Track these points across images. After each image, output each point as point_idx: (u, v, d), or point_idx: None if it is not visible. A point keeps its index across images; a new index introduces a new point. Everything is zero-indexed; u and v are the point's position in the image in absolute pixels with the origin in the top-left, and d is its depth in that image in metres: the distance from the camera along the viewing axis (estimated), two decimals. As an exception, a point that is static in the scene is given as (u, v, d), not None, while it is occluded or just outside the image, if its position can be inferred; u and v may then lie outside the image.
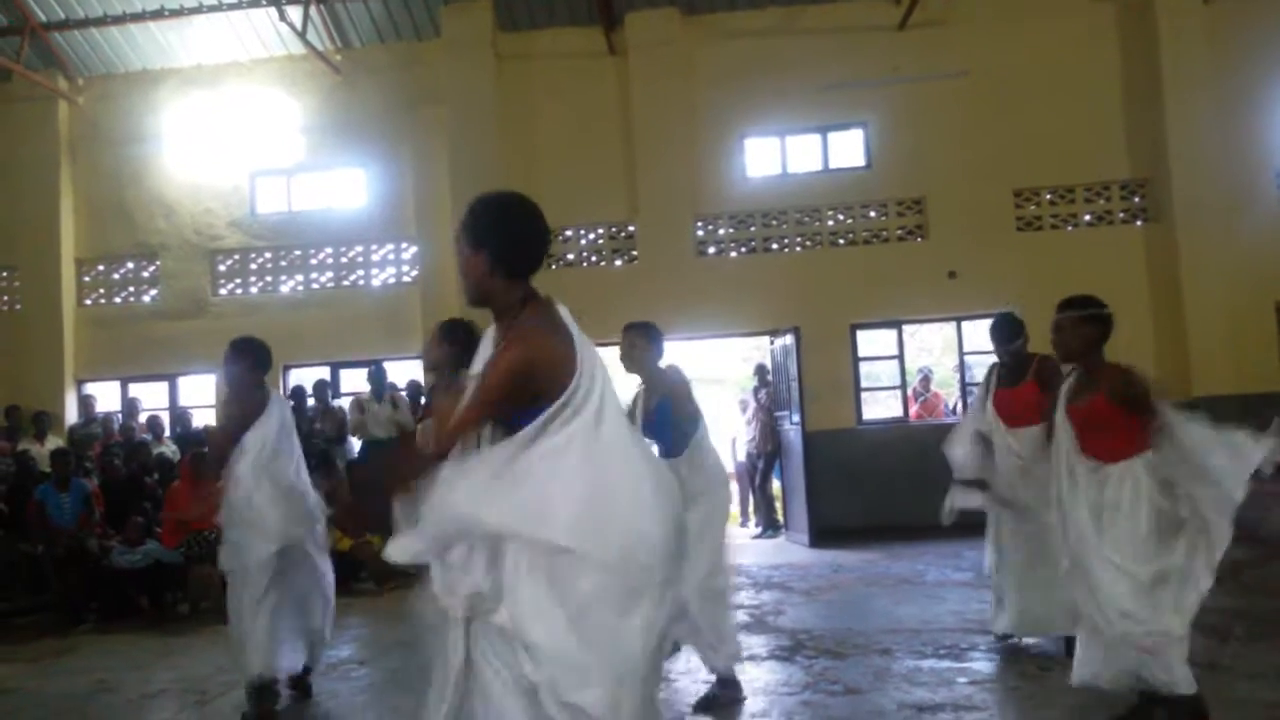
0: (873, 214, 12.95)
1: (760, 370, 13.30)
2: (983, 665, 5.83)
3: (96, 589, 9.23)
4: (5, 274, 14.08)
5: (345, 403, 12.13)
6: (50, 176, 13.73)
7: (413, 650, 6.89)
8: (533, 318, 2.82)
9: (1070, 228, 12.69)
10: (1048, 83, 12.44)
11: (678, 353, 18.62)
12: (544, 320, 2.81)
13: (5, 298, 14.13)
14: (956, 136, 12.49)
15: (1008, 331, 6.01)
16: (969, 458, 6.01)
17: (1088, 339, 4.49)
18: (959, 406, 12.78)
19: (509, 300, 2.89)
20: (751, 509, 13.29)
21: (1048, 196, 12.73)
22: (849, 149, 13.18)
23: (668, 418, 5.36)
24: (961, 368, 13.03)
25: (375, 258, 13.75)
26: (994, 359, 6.19)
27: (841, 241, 13.01)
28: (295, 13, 12.53)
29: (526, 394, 2.69)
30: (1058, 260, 11.87)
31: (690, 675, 5.89)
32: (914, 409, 13.15)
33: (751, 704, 5.32)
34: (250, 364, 5.69)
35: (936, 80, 12.55)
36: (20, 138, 13.72)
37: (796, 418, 11.91)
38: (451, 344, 4.64)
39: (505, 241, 2.84)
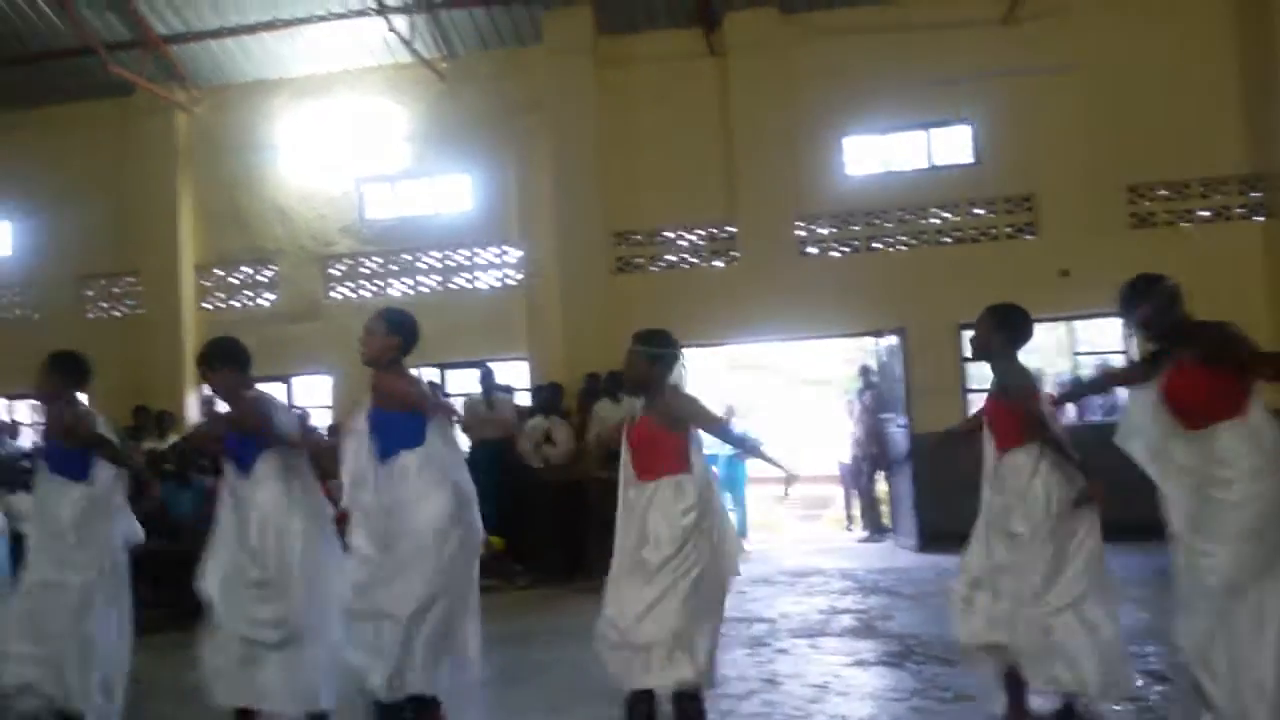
0: (980, 211, 12.72)
1: (864, 371, 13.17)
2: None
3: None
4: (129, 279, 14.67)
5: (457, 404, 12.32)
6: (169, 185, 14.23)
7: (524, 647, 7.01)
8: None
9: (1186, 224, 12.30)
10: (1160, 74, 12.02)
11: (779, 353, 18.51)
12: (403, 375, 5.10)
13: (129, 302, 14.73)
14: (1066, 131, 12.18)
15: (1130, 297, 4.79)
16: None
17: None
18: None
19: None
20: (858, 512, 13.10)
21: (1162, 192, 12.36)
22: (954, 146, 12.93)
23: None
24: (1075, 369, 12.71)
25: (480, 261, 13.98)
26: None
27: (947, 240, 12.81)
28: (402, 22, 12.82)
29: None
30: (1173, 258, 11.27)
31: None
32: (1023, 410, 12.83)
33: (859, 708, 5.30)
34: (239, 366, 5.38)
35: (1044, 74, 12.26)
36: (141, 148, 14.25)
37: (903, 420, 11.77)
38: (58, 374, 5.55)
39: (410, 337, 5.13)
